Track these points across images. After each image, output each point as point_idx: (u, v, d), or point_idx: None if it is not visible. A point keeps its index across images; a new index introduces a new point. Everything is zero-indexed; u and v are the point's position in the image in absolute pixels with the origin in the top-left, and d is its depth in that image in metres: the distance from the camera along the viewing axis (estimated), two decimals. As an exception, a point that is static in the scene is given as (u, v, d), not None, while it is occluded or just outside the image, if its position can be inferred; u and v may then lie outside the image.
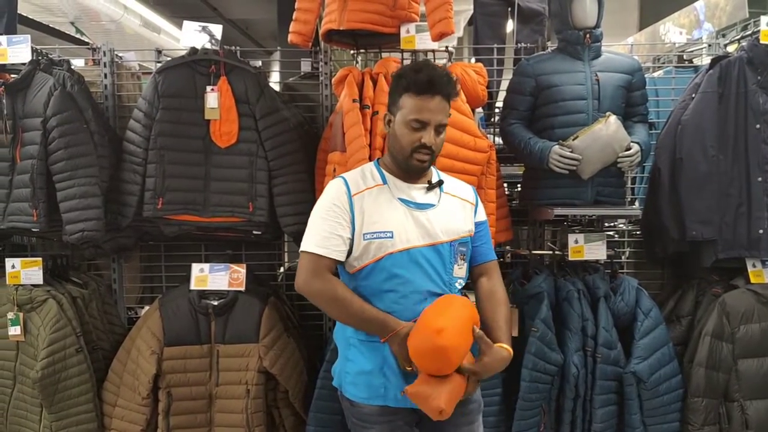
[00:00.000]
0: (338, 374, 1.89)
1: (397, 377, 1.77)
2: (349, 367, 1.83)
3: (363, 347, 1.80)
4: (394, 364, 1.77)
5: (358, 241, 1.76)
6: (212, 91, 2.48)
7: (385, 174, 1.84)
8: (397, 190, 1.82)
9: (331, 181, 1.88)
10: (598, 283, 2.48)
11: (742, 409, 2.44)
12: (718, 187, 2.45)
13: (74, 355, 2.47)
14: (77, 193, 2.41)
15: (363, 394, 1.80)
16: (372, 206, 1.77)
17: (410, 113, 1.74)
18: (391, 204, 1.79)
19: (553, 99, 2.48)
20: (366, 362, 1.79)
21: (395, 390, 1.76)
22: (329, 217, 1.77)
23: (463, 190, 1.95)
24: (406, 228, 1.77)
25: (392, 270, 1.76)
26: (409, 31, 2.45)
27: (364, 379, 1.79)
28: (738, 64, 2.46)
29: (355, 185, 1.81)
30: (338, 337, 1.92)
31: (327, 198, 1.81)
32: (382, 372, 1.77)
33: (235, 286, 2.51)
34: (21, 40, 2.52)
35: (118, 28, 6.24)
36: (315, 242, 1.76)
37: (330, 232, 1.75)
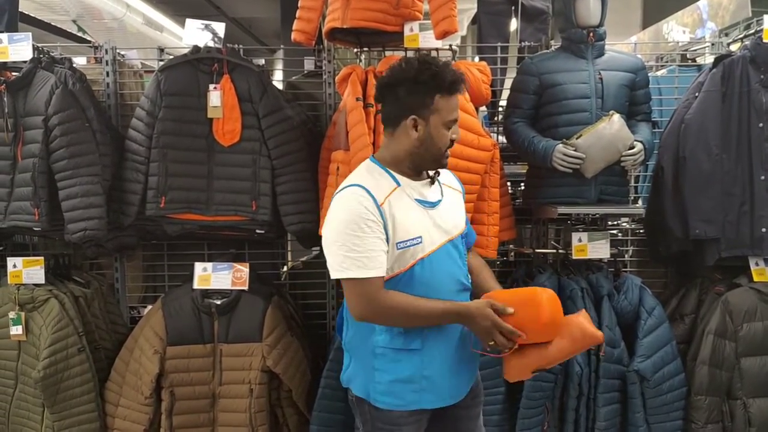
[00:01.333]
0: (363, 385, 1.80)
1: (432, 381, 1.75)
2: (379, 377, 1.76)
3: (399, 355, 1.75)
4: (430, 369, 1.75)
5: (392, 251, 1.70)
6: (215, 90, 2.47)
7: (394, 174, 1.76)
8: (411, 190, 1.77)
9: (347, 191, 1.71)
10: (602, 282, 2.48)
11: (745, 407, 2.45)
12: (722, 186, 2.45)
13: (76, 354, 2.47)
14: (79, 191, 2.40)
15: (398, 401, 1.76)
16: (399, 213, 1.71)
17: (448, 114, 1.71)
18: (412, 207, 1.74)
19: (557, 98, 2.48)
20: (403, 369, 1.74)
21: (429, 393, 1.76)
22: (367, 234, 1.65)
23: (451, 179, 1.93)
24: (429, 230, 1.74)
25: (424, 273, 1.73)
26: (412, 30, 2.45)
27: (401, 387, 1.75)
28: (741, 63, 2.46)
29: (378, 193, 1.70)
30: (358, 348, 1.83)
31: (356, 212, 1.66)
32: (420, 377, 1.75)
33: (238, 285, 2.50)
34: (22, 38, 2.50)
35: (120, 26, 6.23)
36: (362, 265, 1.64)
37: (372, 250, 1.65)
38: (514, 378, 1.78)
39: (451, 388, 1.81)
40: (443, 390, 1.79)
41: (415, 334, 1.73)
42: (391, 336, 1.74)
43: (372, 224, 1.65)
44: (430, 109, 1.70)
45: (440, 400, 1.79)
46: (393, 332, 1.74)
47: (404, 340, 1.73)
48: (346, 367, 1.88)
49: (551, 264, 2.69)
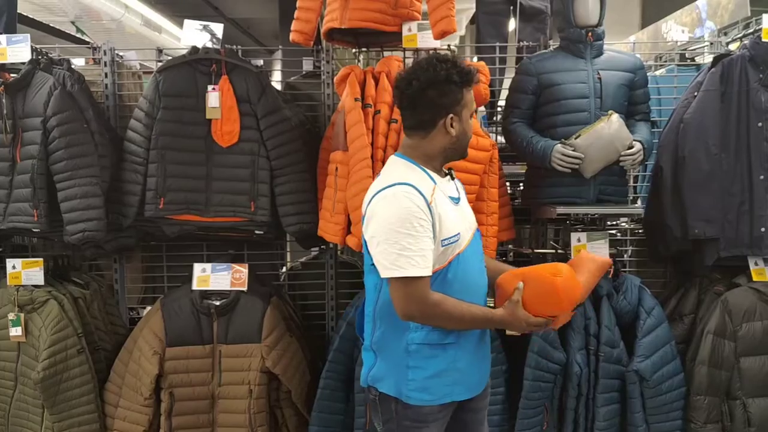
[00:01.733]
0: (394, 383, 1.80)
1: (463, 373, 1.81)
2: (413, 374, 1.77)
3: (434, 351, 1.77)
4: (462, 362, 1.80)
5: (437, 248, 1.72)
6: (213, 91, 2.48)
7: (429, 172, 1.78)
8: (443, 187, 1.81)
9: (397, 189, 1.70)
10: (601, 282, 2.47)
11: (744, 407, 2.45)
12: (721, 186, 2.45)
13: (76, 355, 2.47)
14: (78, 193, 2.41)
15: (431, 396, 1.78)
16: (442, 210, 1.73)
17: (472, 104, 1.82)
18: (448, 205, 1.78)
19: (556, 97, 2.48)
20: (438, 364, 1.77)
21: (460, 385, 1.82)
22: (420, 233, 1.67)
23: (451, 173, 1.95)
24: (462, 226, 1.80)
25: (459, 268, 1.77)
26: (410, 30, 2.45)
27: (435, 381, 1.77)
28: (740, 63, 2.46)
29: (426, 191, 1.71)
30: (388, 346, 1.82)
31: (409, 211, 1.67)
32: (453, 370, 1.79)
33: (237, 286, 2.50)
34: (21, 40, 2.51)
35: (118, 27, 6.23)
36: (416, 264, 1.66)
37: (424, 249, 1.68)
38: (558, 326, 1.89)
39: (478, 378, 1.88)
40: (472, 381, 1.85)
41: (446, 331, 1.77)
42: (427, 332, 1.76)
43: (424, 223, 1.67)
44: (461, 104, 1.76)
45: (469, 391, 1.85)
46: (428, 328, 1.76)
47: (440, 335, 1.77)
48: (369, 366, 1.86)
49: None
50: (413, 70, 1.76)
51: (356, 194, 2.24)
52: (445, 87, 1.73)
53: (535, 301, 1.74)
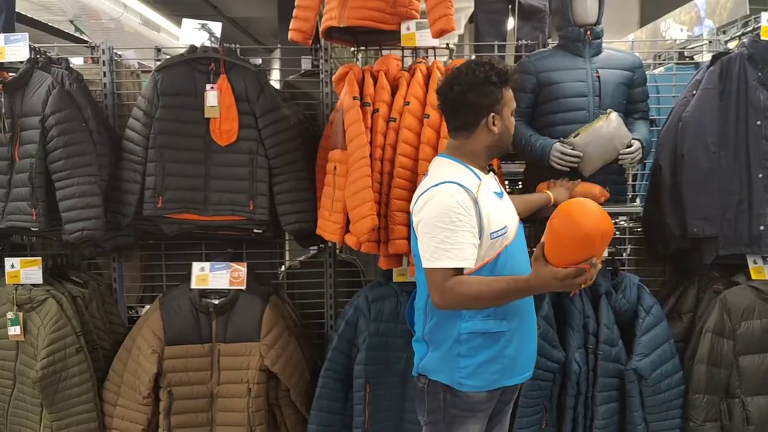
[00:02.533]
0: (447, 372, 1.87)
1: (512, 359, 1.86)
2: (464, 362, 1.85)
3: (482, 339, 1.84)
4: (511, 348, 1.85)
5: (486, 241, 1.82)
6: (212, 89, 2.47)
7: (474, 170, 1.89)
8: (488, 183, 1.90)
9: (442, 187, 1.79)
10: (600, 280, 2.48)
11: (743, 406, 2.45)
12: (719, 184, 2.45)
13: (74, 354, 2.47)
14: (76, 192, 2.40)
15: (482, 383, 1.86)
16: (488, 205, 1.83)
17: (512, 102, 1.91)
18: (494, 199, 1.89)
19: (554, 96, 2.47)
20: (487, 353, 1.84)
21: (509, 371, 1.87)
22: (458, 227, 1.75)
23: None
24: (508, 219, 1.90)
25: (509, 258, 1.86)
26: (409, 29, 2.44)
27: (484, 368, 1.84)
28: (739, 61, 2.45)
29: (473, 187, 1.81)
30: (440, 336, 1.88)
31: (448, 206, 1.76)
32: (502, 356, 1.85)
33: (236, 284, 2.50)
34: (19, 38, 2.50)
35: (117, 27, 6.23)
36: (453, 256, 1.75)
37: (462, 242, 1.75)
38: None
39: (526, 363, 1.94)
40: (520, 367, 1.92)
41: (500, 317, 1.83)
42: (478, 320, 1.84)
43: (463, 218, 1.76)
44: (501, 103, 1.87)
45: (517, 377, 1.92)
46: (480, 317, 1.83)
47: (492, 323, 1.84)
48: (421, 356, 1.94)
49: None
50: (453, 75, 1.87)
51: (355, 193, 2.24)
52: (485, 88, 1.84)
53: (559, 249, 1.62)
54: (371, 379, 2.42)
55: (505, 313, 1.84)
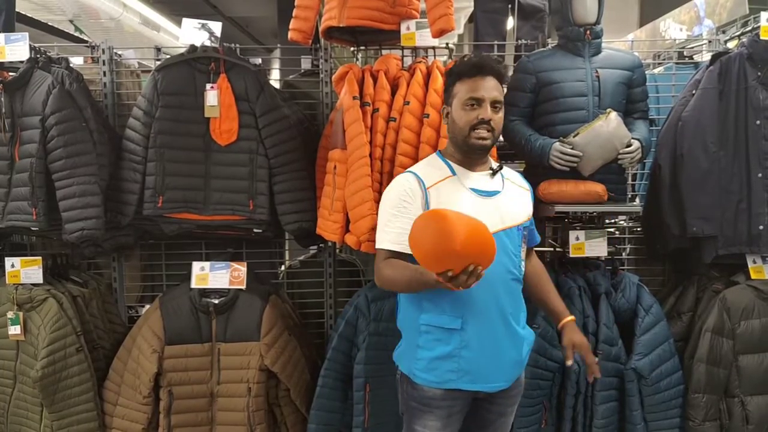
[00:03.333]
0: (407, 361, 1.92)
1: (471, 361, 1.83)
2: (421, 354, 1.87)
3: (438, 333, 1.84)
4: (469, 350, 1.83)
5: None
6: (212, 89, 2.47)
7: (451, 164, 1.90)
8: (467, 180, 1.88)
9: (399, 177, 1.92)
10: (599, 280, 2.48)
11: (742, 405, 2.45)
12: (719, 184, 2.45)
13: (74, 354, 2.47)
14: (76, 191, 2.40)
15: (435, 378, 1.85)
16: (447, 197, 1.83)
17: (465, 94, 1.85)
18: (463, 194, 1.86)
19: (554, 96, 2.47)
20: (443, 348, 1.83)
21: (467, 374, 1.84)
22: (400, 213, 1.83)
23: (518, 177, 2.05)
24: (480, 216, 1.77)
25: None
26: (409, 28, 2.45)
27: (439, 364, 1.84)
28: (738, 61, 2.46)
29: (428, 178, 1.86)
30: (406, 325, 1.96)
31: (397, 192, 1.86)
32: (458, 356, 1.83)
33: (236, 284, 2.50)
34: (19, 38, 2.50)
35: (117, 26, 6.23)
36: (390, 239, 1.83)
37: (404, 228, 1.78)
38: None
39: (491, 373, 1.87)
40: (483, 374, 1.86)
41: (455, 315, 1.82)
42: (435, 314, 1.85)
43: (407, 206, 1.82)
44: (452, 95, 1.89)
45: (476, 383, 1.86)
46: (436, 311, 1.84)
47: (446, 319, 1.83)
48: (399, 345, 2.01)
49: (549, 262, 2.69)
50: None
51: (355, 192, 2.24)
52: (447, 80, 1.92)
53: (429, 257, 1.62)
54: (371, 378, 2.42)
55: (461, 312, 1.82)
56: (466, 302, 1.82)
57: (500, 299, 1.85)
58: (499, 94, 1.86)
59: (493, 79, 1.85)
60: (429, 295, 1.85)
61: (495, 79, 1.85)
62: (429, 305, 1.86)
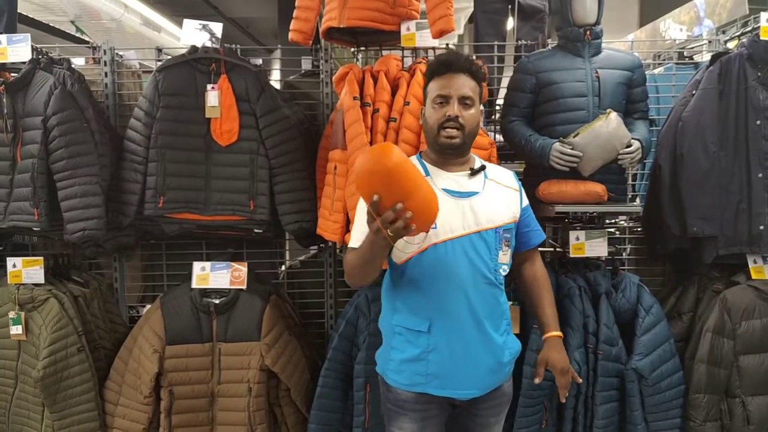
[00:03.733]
0: (382, 362, 1.94)
1: (439, 366, 1.81)
2: (393, 355, 1.87)
3: (408, 335, 1.83)
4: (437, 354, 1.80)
5: None
6: (213, 90, 2.48)
7: (427, 165, 1.88)
8: (440, 180, 1.85)
9: None
10: (600, 280, 2.48)
11: (743, 405, 2.45)
12: (719, 184, 2.45)
13: (76, 354, 2.47)
14: (78, 192, 2.41)
15: (405, 380, 1.85)
16: None
17: (434, 93, 1.83)
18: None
19: (554, 96, 2.48)
20: (412, 350, 1.82)
21: (436, 379, 1.82)
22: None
23: (506, 177, 1.97)
24: (449, 218, 1.78)
25: (438, 259, 1.79)
26: (409, 29, 2.45)
27: (408, 366, 1.83)
28: (738, 61, 2.46)
29: None
30: (383, 325, 1.96)
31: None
32: (426, 360, 1.81)
33: (237, 284, 2.51)
34: (21, 39, 2.51)
35: (118, 27, 6.24)
36: (355, 238, 1.82)
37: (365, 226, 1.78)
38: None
39: (459, 380, 1.83)
40: (450, 379, 1.82)
41: (424, 317, 1.81)
42: (405, 315, 1.84)
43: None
44: (426, 96, 1.88)
45: (446, 389, 1.83)
46: (407, 312, 1.83)
47: (415, 321, 1.82)
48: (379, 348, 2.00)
49: (549, 262, 2.69)
50: None
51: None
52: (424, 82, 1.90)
53: (363, 174, 1.53)
54: (372, 378, 2.42)
55: (429, 314, 1.80)
56: (435, 304, 1.80)
57: (472, 303, 1.79)
58: (469, 90, 1.80)
59: (464, 75, 1.80)
60: (402, 295, 1.85)
61: (466, 75, 1.81)
62: (401, 306, 1.85)
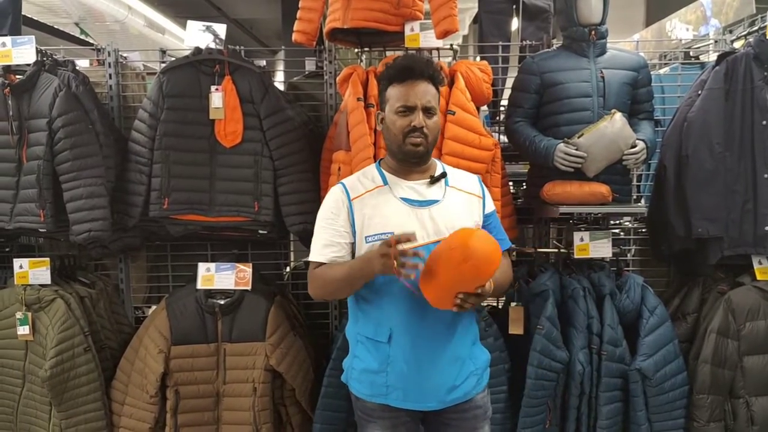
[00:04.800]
0: (346, 370, 1.94)
1: (399, 377, 1.79)
2: (355, 364, 1.87)
3: (369, 345, 1.83)
4: (397, 365, 1.78)
5: (360, 244, 1.80)
6: (216, 91, 2.49)
7: (386, 174, 1.85)
8: (398, 189, 1.82)
9: (333, 187, 1.91)
10: (604, 281, 2.48)
11: (747, 406, 2.44)
12: (724, 184, 2.44)
13: (82, 354, 2.49)
14: (83, 193, 2.42)
15: (367, 391, 1.85)
16: (372, 209, 1.80)
17: (396, 101, 1.77)
18: (391, 204, 1.80)
19: (559, 96, 2.48)
20: (372, 361, 1.82)
21: (396, 390, 1.80)
22: (327, 225, 1.83)
23: (469, 183, 1.92)
24: (407, 227, 1.74)
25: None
26: (413, 29, 2.45)
27: (368, 377, 1.83)
28: (744, 61, 2.45)
29: (354, 189, 1.84)
30: (349, 333, 1.96)
31: (326, 206, 1.86)
32: (385, 372, 1.80)
33: (242, 285, 2.52)
34: (25, 41, 2.52)
35: (122, 29, 6.26)
36: (316, 251, 1.84)
37: (329, 240, 1.81)
38: (439, 305, 1.72)
39: (421, 392, 1.80)
40: (411, 391, 1.80)
41: (383, 327, 1.79)
42: (366, 325, 1.84)
43: (332, 216, 1.82)
44: (385, 100, 1.82)
45: (406, 401, 1.81)
46: (366, 321, 1.83)
47: (373, 331, 1.82)
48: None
49: (553, 263, 2.69)
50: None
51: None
52: (380, 84, 1.85)
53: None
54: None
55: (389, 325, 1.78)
56: (395, 315, 1.77)
57: (432, 314, 1.75)
58: (431, 99, 1.77)
59: (425, 83, 1.76)
60: (364, 305, 1.84)
61: (427, 82, 1.76)
62: (362, 315, 1.85)
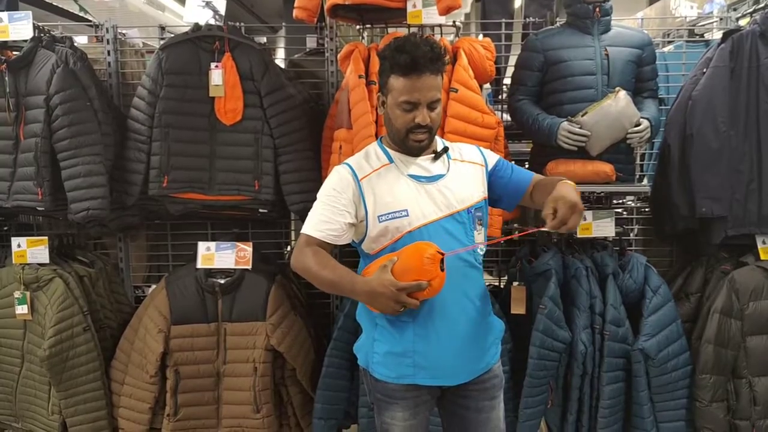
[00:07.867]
0: (365, 354, 1.87)
1: (426, 357, 1.77)
2: (377, 348, 1.82)
3: (394, 328, 1.79)
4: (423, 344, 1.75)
5: (374, 224, 1.76)
6: (216, 68, 2.45)
7: (389, 152, 1.83)
8: (404, 166, 1.80)
9: (336, 167, 1.86)
10: (607, 261, 2.47)
11: (750, 386, 2.44)
12: (729, 164, 2.42)
13: (81, 333, 2.48)
14: (82, 171, 2.40)
15: (392, 373, 1.80)
16: (382, 187, 1.77)
17: (400, 95, 1.71)
18: (400, 182, 1.78)
19: (562, 74, 2.45)
20: (398, 342, 1.78)
21: (424, 369, 1.77)
22: (329, 203, 1.78)
23: (469, 153, 1.90)
24: (420, 204, 1.74)
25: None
26: (415, 6, 2.41)
27: (394, 359, 1.79)
28: (750, 38, 2.42)
29: (361, 169, 1.80)
30: (363, 317, 1.91)
31: (329, 184, 1.82)
32: (414, 351, 1.77)
33: (242, 264, 2.50)
34: (22, 17, 2.48)
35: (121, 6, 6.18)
36: (311, 225, 1.79)
37: (328, 217, 1.77)
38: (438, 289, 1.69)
39: (449, 367, 1.79)
40: (439, 368, 1.78)
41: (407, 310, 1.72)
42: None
43: (336, 195, 1.78)
44: (387, 87, 1.75)
45: (435, 378, 1.80)
46: None
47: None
48: (359, 338, 1.95)
49: (556, 243, 2.67)
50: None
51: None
52: (380, 63, 1.77)
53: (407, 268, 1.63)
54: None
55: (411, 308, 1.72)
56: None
57: (454, 288, 1.74)
58: (436, 92, 1.72)
59: (430, 76, 1.70)
60: None
61: (432, 74, 1.71)
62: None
